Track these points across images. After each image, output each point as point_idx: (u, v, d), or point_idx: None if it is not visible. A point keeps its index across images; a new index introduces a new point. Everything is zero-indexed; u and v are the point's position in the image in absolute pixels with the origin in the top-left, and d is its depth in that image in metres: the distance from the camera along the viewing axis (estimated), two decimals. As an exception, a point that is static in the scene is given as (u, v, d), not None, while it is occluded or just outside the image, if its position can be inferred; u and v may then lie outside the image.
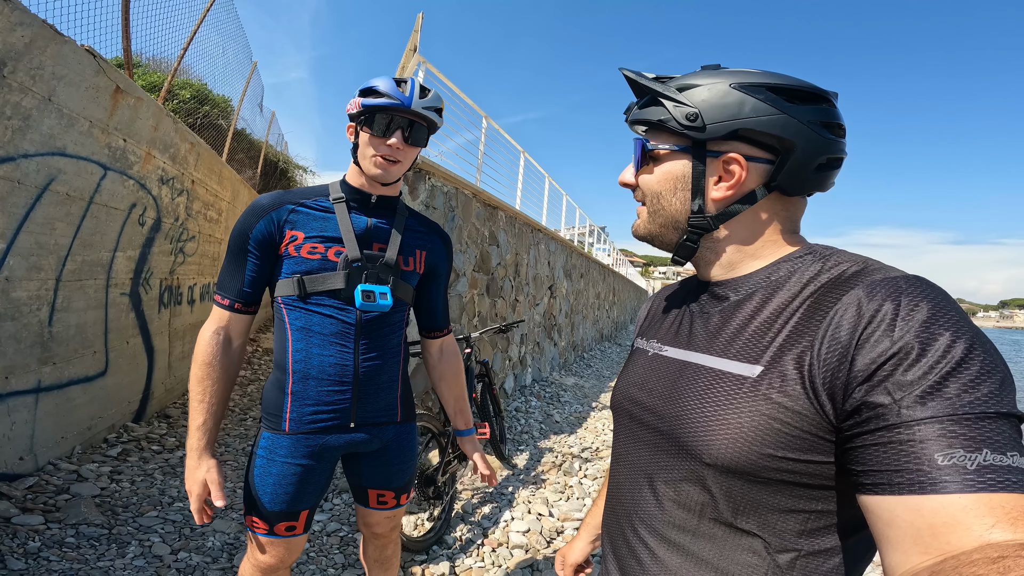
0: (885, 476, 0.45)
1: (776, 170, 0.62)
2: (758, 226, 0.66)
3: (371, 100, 1.21)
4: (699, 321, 0.69)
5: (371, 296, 1.24)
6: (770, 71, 0.64)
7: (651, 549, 0.64)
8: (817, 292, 0.57)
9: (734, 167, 0.63)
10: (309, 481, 1.29)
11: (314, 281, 1.24)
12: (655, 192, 0.69)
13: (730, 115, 0.61)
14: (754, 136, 0.62)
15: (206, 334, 1.25)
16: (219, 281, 1.28)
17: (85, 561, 2.08)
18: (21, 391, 2.57)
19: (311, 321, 1.25)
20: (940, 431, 0.43)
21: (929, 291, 0.50)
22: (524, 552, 2.60)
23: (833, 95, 0.64)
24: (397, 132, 1.22)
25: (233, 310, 1.27)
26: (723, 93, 0.62)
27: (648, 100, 0.68)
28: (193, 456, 1.23)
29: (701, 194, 0.65)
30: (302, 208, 1.26)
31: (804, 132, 0.60)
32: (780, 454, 0.53)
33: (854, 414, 0.49)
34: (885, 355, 0.47)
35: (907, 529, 0.43)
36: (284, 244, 1.24)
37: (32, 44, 2.34)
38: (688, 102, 0.63)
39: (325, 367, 1.25)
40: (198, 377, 1.25)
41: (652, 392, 0.69)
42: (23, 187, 2.44)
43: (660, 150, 0.67)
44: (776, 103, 0.61)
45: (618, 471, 0.74)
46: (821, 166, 0.62)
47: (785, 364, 0.54)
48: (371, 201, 1.31)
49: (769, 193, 0.64)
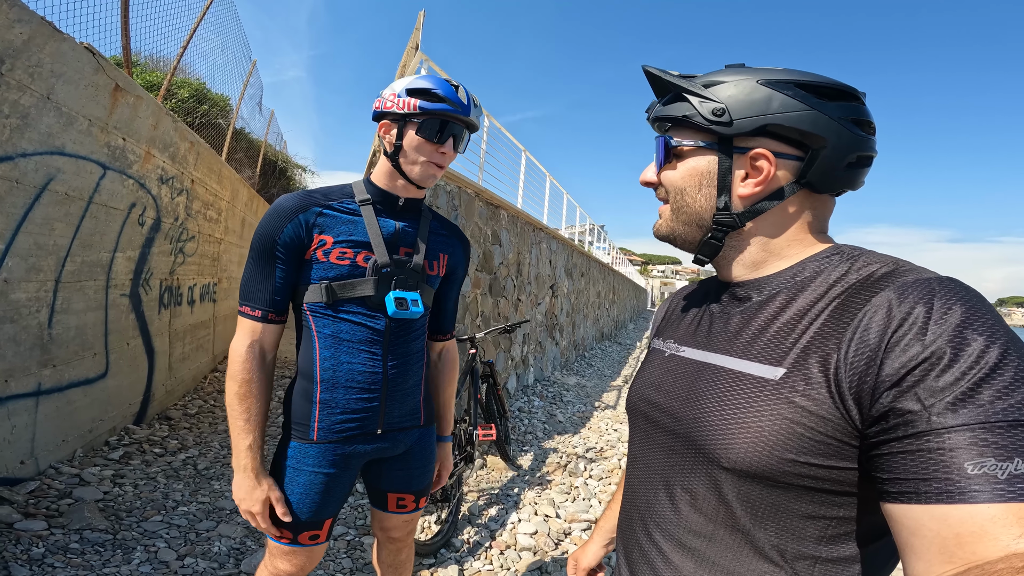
0: (912, 484, 0.44)
1: (806, 166, 0.61)
2: (785, 224, 0.64)
3: (431, 104, 1.16)
4: (719, 321, 0.67)
5: (404, 304, 1.21)
6: (796, 69, 0.63)
7: (665, 554, 0.63)
8: (845, 293, 0.55)
9: (762, 163, 0.61)
10: (334, 489, 1.27)
11: (344, 288, 1.19)
12: (679, 188, 0.67)
13: (758, 110, 0.60)
14: (783, 132, 0.60)
15: (240, 349, 1.18)
16: (244, 291, 1.20)
17: (91, 567, 2.05)
18: (21, 394, 2.53)
19: (339, 329, 1.21)
20: (971, 439, 0.42)
21: (963, 293, 0.48)
22: (532, 554, 2.57)
23: (862, 94, 0.63)
24: (451, 139, 1.19)
25: (266, 320, 1.20)
26: (751, 89, 0.61)
27: (672, 97, 0.67)
28: (249, 476, 1.18)
29: (727, 191, 0.64)
30: (329, 211, 1.20)
31: (835, 128, 0.59)
32: (802, 459, 0.52)
33: (881, 420, 0.47)
34: (916, 360, 0.46)
35: (932, 538, 0.42)
36: (312, 248, 1.18)
37: (31, 41, 2.30)
38: (715, 98, 0.62)
39: (354, 375, 1.22)
40: (240, 396, 1.18)
41: (669, 394, 0.68)
42: (21, 187, 2.40)
43: (684, 147, 0.66)
44: (806, 99, 0.60)
45: (633, 474, 0.73)
46: (851, 164, 0.61)
47: (810, 366, 0.53)
48: (398, 204, 1.27)
49: (798, 190, 0.63)
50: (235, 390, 1.18)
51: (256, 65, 7.42)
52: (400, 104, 1.18)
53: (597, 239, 15.28)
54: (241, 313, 1.21)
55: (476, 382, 3.17)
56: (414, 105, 1.16)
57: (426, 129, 1.17)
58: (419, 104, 1.16)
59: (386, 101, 1.20)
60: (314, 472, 1.24)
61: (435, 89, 1.16)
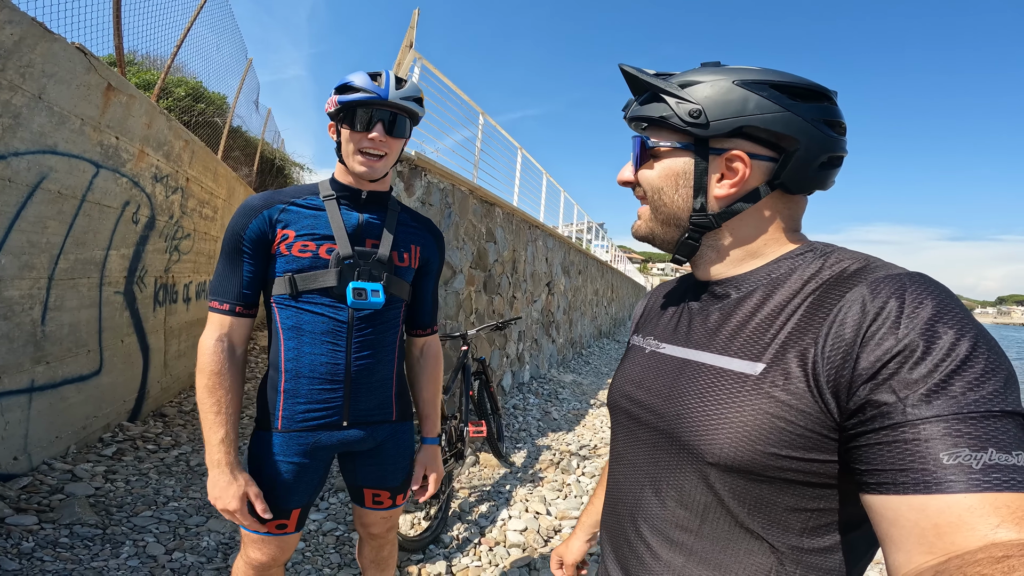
0: (890, 476, 0.45)
1: (780, 168, 0.62)
2: (760, 224, 0.65)
3: (347, 96, 1.20)
4: (698, 318, 0.68)
5: (362, 294, 1.23)
6: (770, 68, 0.64)
7: (653, 549, 0.64)
8: (819, 289, 0.57)
9: (737, 164, 0.62)
10: (301, 480, 1.28)
11: (306, 279, 1.22)
12: (656, 187, 0.68)
13: (734, 112, 0.61)
14: (758, 133, 0.61)
15: (209, 342, 1.21)
16: (213, 287, 1.24)
17: (79, 561, 2.07)
18: (14, 391, 2.55)
19: (302, 320, 1.24)
20: (945, 430, 0.43)
21: (933, 288, 0.50)
22: (521, 551, 2.59)
23: (833, 93, 0.63)
24: (378, 125, 1.21)
25: (234, 314, 1.23)
26: (726, 90, 0.61)
27: (648, 96, 0.67)
28: (224, 472, 1.17)
29: (703, 192, 0.65)
30: (293, 207, 1.25)
31: (808, 130, 0.60)
32: (783, 452, 0.53)
33: (858, 412, 0.48)
34: (890, 353, 0.47)
35: (911, 529, 0.43)
36: (276, 243, 1.23)
37: (21, 42, 2.31)
38: (691, 99, 0.63)
39: (316, 366, 1.24)
40: (209, 388, 1.19)
41: (651, 390, 0.68)
42: (14, 185, 2.42)
43: (661, 147, 0.66)
44: (780, 100, 0.60)
45: (617, 470, 0.73)
46: (823, 164, 0.62)
47: (788, 361, 0.54)
48: (362, 197, 1.30)
49: (772, 191, 0.64)
50: (204, 383, 1.19)
51: (252, 63, 7.43)
52: (330, 104, 1.23)
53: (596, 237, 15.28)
54: (211, 308, 1.24)
55: (468, 379, 3.18)
56: (335, 101, 1.21)
57: (348, 120, 1.21)
58: (338, 99, 1.21)
59: (328, 104, 1.26)
60: (278, 461, 1.26)
61: (351, 82, 1.21)
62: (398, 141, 1.27)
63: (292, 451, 1.26)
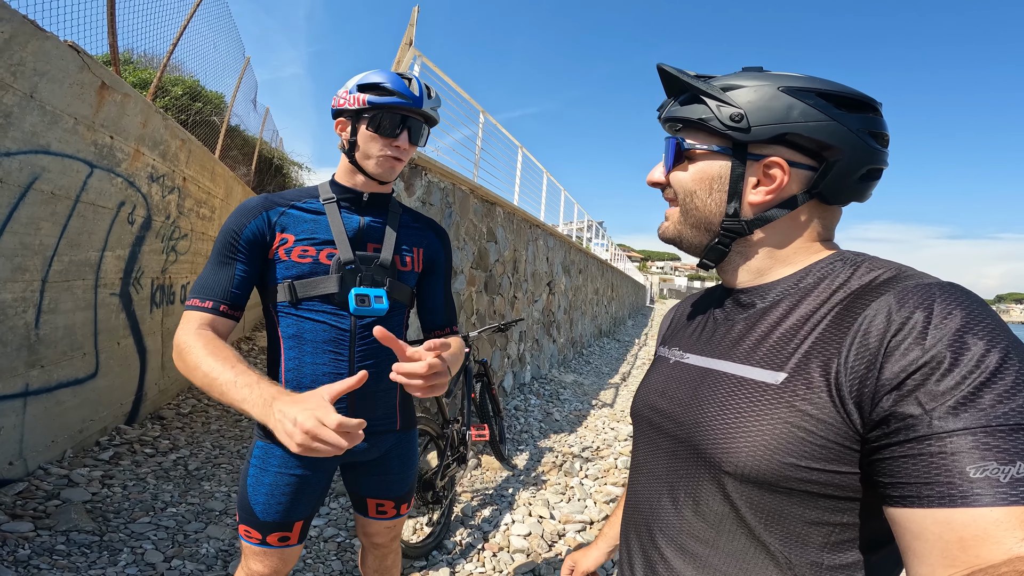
0: (914, 488, 0.44)
1: (819, 177, 0.61)
2: (794, 232, 0.64)
3: (380, 98, 1.15)
4: (723, 328, 0.68)
5: (365, 300, 1.19)
6: (815, 76, 0.63)
7: (667, 560, 0.63)
8: (847, 299, 0.55)
9: (776, 171, 0.61)
10: (304, 492, 1.25)
11: (306, 286, 1.18)
12: (689, 190, 0.67)
13: (777, 118, 0.60)
14: (800, 141, 0.60)
15: (185, 333, 1.08)
16: (196, 287, 1.14)
17: (76, 569, 2.03)
18: (8, 395, 2.51)
19: (303, 328, 1.19)
20: (973, 443, 0.42)
21: (964, 298, 0.48)
22: (525, 556, 2.56)
23: (879, 104, 0.62)
24: (405, 132, 1.18)
25: (218, 312, 1.12)
26: (771, 96, 0.60)
27: (688, 98, 0.66)
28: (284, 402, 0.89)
29: (738, 197, 0.64)
30: (293, 210, 1.21)
31: (852, 140, 0.59)
32: (804, 464, 0.52)
33: (882, 424, 0.47)
34: (916, 364, 0.46)
35: (935, 542, 0.42)
36: (275, 247, 1.18)
37: (12, 40, 2.26)
38: (733, 102, 0.62)
39: (319, 376, 1.19)
40: (208, 351, 1.03)
41: (672, 399, 0.68)
42: (5, 186, 2.37)
43: (697, 150, 0.65)
44: (826, 109, 0.59)
45: (637, 479, 0.73)
46: (863, 176, 0.61)
47: (811, 371, 0.53)
48: (363, 200, 1.26)
49: (808, 200, 0.63)
50: (200, 354, 1.04)
51: (250, 62, 7.37)
52: (352, 100, 1.18)
53: (596, 236, 15.25)
54: (188, 307, 1.13)
55: (470, 381, 3.15)
56: (364, 100, 1.16)
57: (377, 123, 1.16)
58: (368, 99, 1.16)
59: (340, 99, 1.20)
60: (279, 473, 1.22)
61: (385, 83, 1.16)
62: (414, 148, 1.23)
63: (295, 463, 1.22)
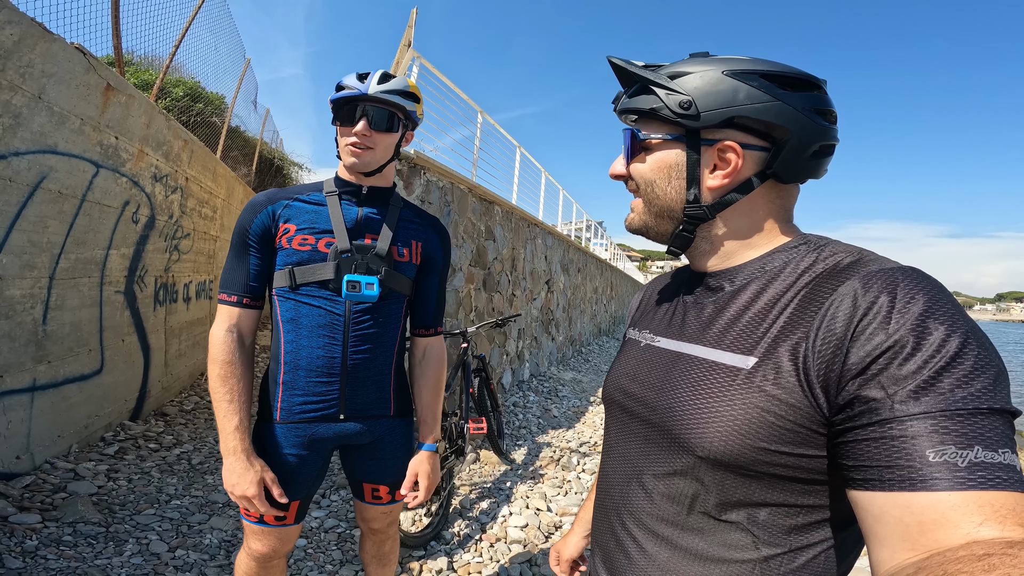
0: (876, 472, 0.45)
1: (772, 158, 0.62)
2: (754, 215, 0.65)
3: (335, 94, 1.27)
4: (692, 311, 0.68)
5: (356, 286, 1.25)
6: (758, 58, 0.63)
7: (639, 543, 0.64)
8: (812, 282, 0.56)
9: (730, 155, 0.62)
10: (299, 471, 1.30)
11: (304, 272, 1.25)
12: (649, 180, 0.67)
13: (724, 102, 0.60)
14: (749, 123, 0.61)
15: (219, 333, 1.25)
16: (223, 280, 1.29)
17: (83, 559, 2.08)
18: (16, 390, 2.56)
19: (300, 312, 1.27)
20: (932, 427, 0.43)
21: (925, 283, 0.49)
22: (522, 547, 2.61)
23: (823, 81, 0.63)
24: (362, 120, 1.25)
25: (242, 305, 1.27)
26: (716, 80, 0.61)
27: (638, 88, 0.67)
28: (240, 458, 1.20)
29: (696, 183, 0.64)
30: (296, 202, 1.30)
31: (799, 119, 0.60)
32: (773, 447, 0.53)
33: (847, 407, 0.48)
34: (880, 349, 0.47)
35: (895, 525, 0.43)
36: (278, 237, 1.27)
37: (21, 42, 2.32)
38: (681, 90, 0.62)
39: (314, 358, 1.27)
40: (222, 377, 1.22)
41: (644, 383, 0.68)
42: (14, 185, 2.43)
43: (652, 139, 0.66)
44: (770, 90, 0.60)
45: (608, 463, 0.74)
46: (815, 153, 0.62)
47: (780, 356, 0.54)
48: (362, 192, 1.33)
49: (764, 181, 0.63)
50: (217, 372, 1.23)
51: (250, 63, 7.42)
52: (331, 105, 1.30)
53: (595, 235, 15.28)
54: (220, 300, 1.29)
55: (468, 376, 3.20)
56: (329, 101, 1.29)
57: (340, 117, 1.28)
58: (330, 98, 1.29)
59: None
60: (276, 452, 1.28)
61: (342, 82, 1.28)
62: (385, 135, 1.28)
63: (290, 443, 1.28)
